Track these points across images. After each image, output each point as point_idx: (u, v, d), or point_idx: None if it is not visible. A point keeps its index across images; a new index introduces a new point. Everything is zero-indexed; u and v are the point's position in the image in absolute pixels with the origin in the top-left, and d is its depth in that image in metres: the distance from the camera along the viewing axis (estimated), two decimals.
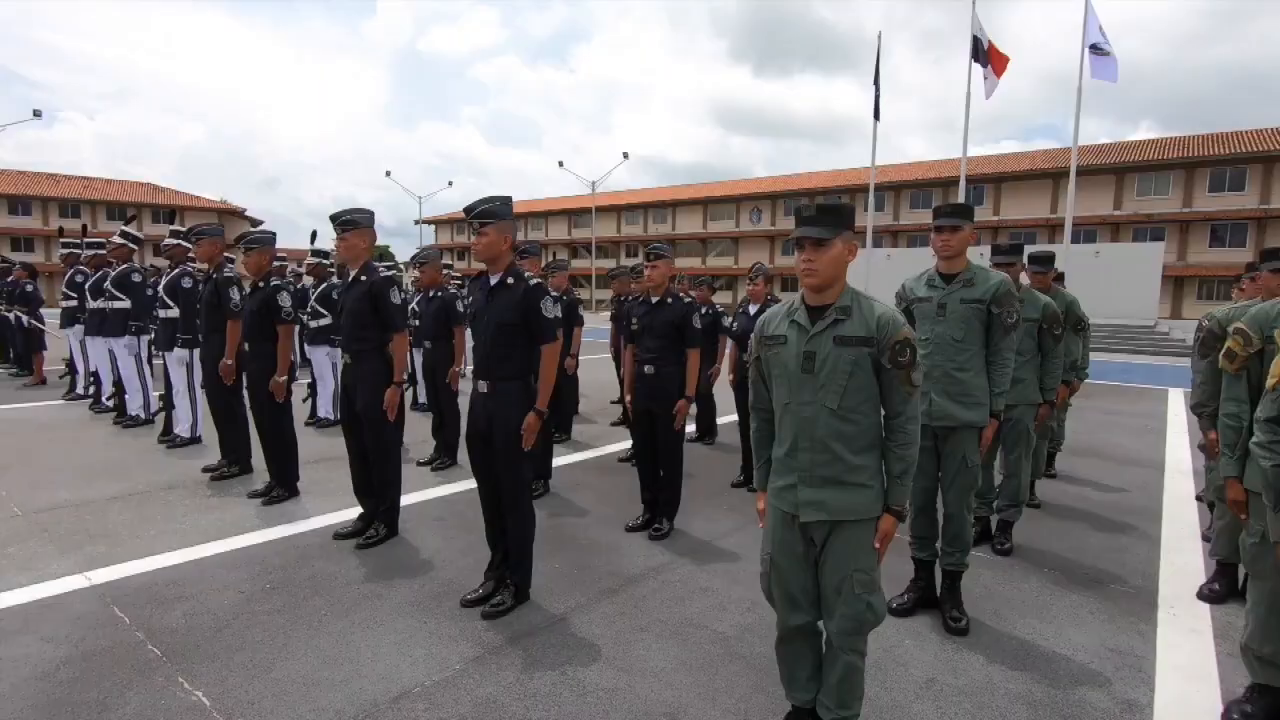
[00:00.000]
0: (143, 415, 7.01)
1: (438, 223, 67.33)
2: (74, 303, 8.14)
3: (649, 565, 3.89)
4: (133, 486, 5.07)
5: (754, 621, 3.24)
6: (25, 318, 9.49)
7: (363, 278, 3.96)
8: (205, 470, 5.42)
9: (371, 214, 4.02)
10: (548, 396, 3.20)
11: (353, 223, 3.91)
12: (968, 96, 27.63)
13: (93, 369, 7.90)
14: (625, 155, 41.69)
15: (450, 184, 67.46)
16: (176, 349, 6.01)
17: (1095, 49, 24.98)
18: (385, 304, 3.94)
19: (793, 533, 2.17)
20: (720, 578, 3.74)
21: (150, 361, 7.19)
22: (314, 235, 7.59)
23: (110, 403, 7.64)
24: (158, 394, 7.09)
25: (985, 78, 27.65)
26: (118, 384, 7.12)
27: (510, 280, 3.14)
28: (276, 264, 8.77)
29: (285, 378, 4.65)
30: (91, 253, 7.43)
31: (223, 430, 5.40)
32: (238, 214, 52.26)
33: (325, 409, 7.33)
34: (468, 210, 3.11)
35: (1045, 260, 4.84)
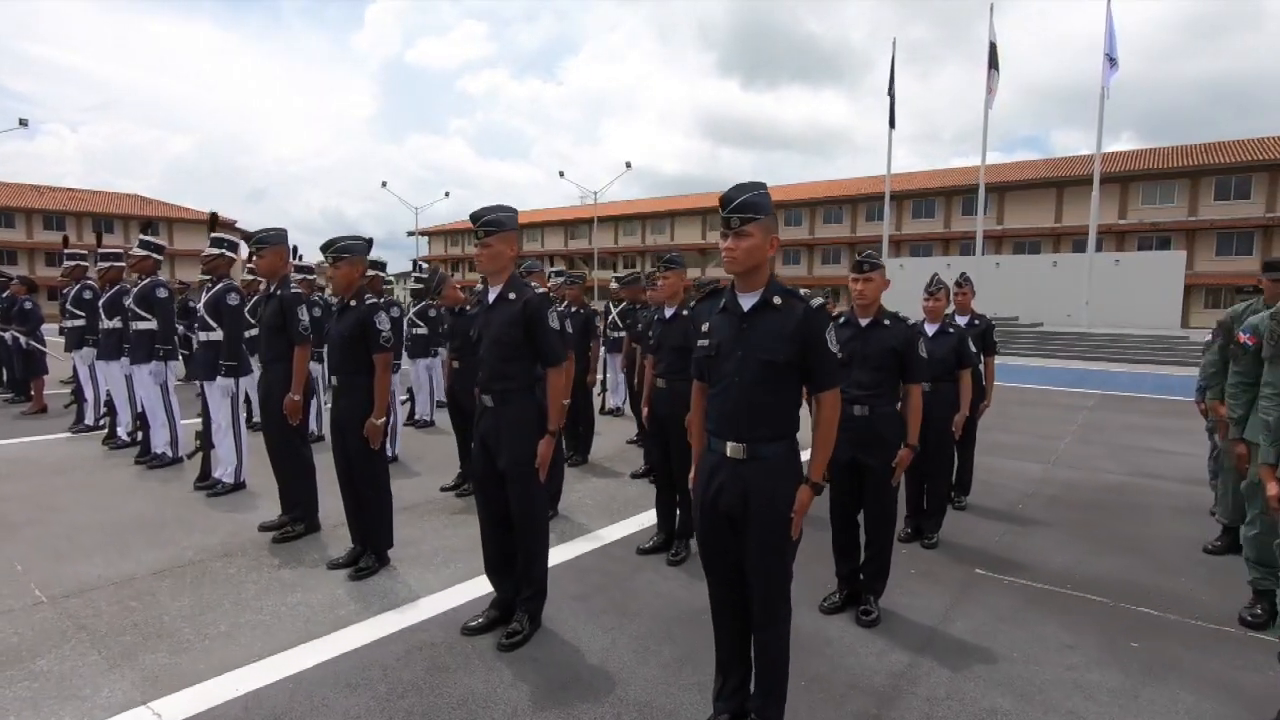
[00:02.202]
0: (170, 454, 6.00)
1: (432, 234, 66.28)
2: (80, 322, 7.12)
3: (889, 670, 2.97)
4: (179, 553, 4.09)
5: None
6: (24, 338, 8.44)
7: (511, 295, 3.03)
8: (263, 529, 4.44)
9: (515, 213, 3.10)
10: (825, 462, 2.28)
11: (497, 224, 3.00)
12: (986, 104, 27.32)
13: (105, 397, 6.87)
14: (628, 165, 41.12)
15: (447, 194, 66.39)
16: (220, 378, 5.03)
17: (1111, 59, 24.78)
18: (543, 329, 3.00)
19: None
20: (999, 691, 2.82)
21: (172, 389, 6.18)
22: (369, 244, 6.62)
23: (127, 436, 6.63)
24: (189, 424, 6.11)
25: (990, 89, 27.39)
26: (141, 416, 6.10)
27: (778, 299, 2.23)
28: (301, 277, 7.83)
29: (384, 419, 3.70)
30: (107, 265, 6.43)
31: (285, 480, 4.43)
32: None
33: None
34: (724, 201, 2.19)
35: None
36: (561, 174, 45.55)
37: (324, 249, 3.68)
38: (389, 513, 3.89)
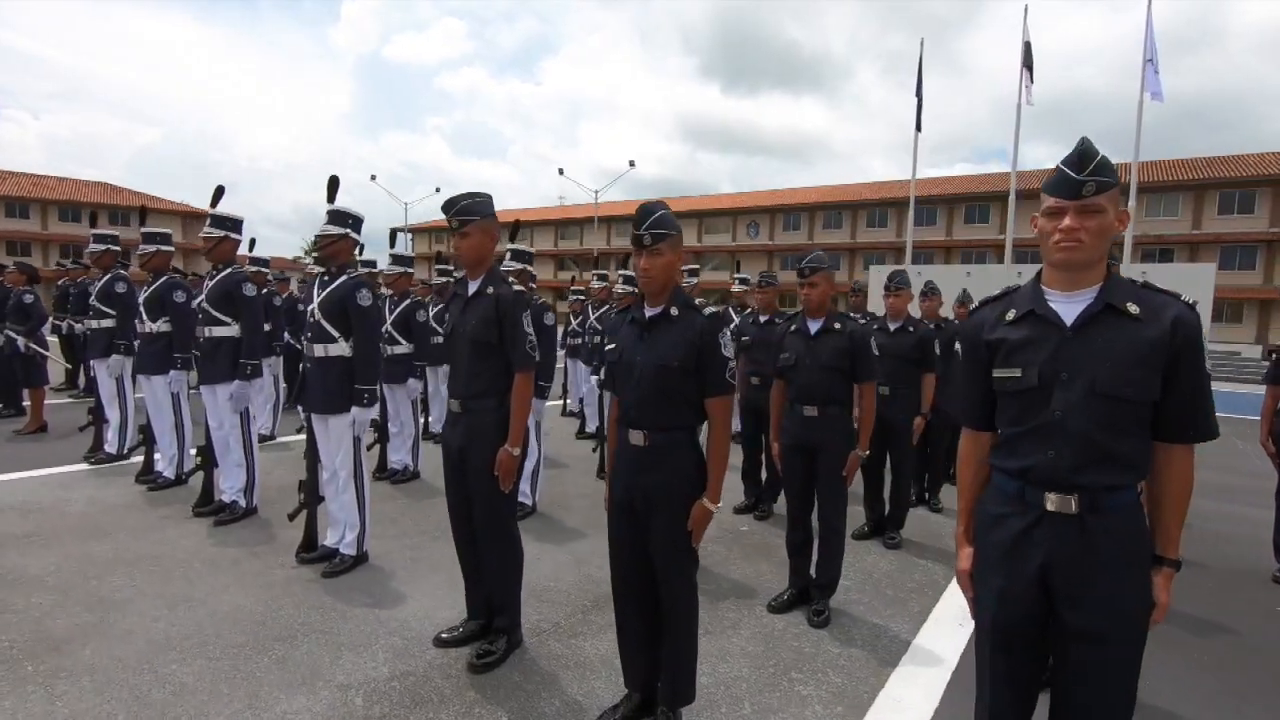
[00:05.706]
0: (243, 503, 4.45)
1: (417, 230, 64.04)
2: (110, 322, 5.49)
3: None
4: (340, 701, 2.56)
5: None
6: (22, 339, 6.74)
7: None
8: (443, 644, 2.94)
9: None
10: None
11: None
12: (1019, 106, 26.42)
13: (144, 421, 5.26)
14: (632, 164, 39.82)
15: (438, 190, 64.07)
16: (358, 409, 3.51)
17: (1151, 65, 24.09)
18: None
19: None
20: None
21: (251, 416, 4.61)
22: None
23: (171, 473, 5.05)
24: (292, 474, 4.56)
25: (1027, 85, 26.68)
26: (203, 450, 4.52)
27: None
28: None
29: (717, 505, 2.25)
30: (154, 249, 4.82)
31: (481, 572, 2.94)
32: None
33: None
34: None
35: None
36: (561, 171, 44.46)
37: (640, 224, 2.20)
38: (695, 646, 2.42)
